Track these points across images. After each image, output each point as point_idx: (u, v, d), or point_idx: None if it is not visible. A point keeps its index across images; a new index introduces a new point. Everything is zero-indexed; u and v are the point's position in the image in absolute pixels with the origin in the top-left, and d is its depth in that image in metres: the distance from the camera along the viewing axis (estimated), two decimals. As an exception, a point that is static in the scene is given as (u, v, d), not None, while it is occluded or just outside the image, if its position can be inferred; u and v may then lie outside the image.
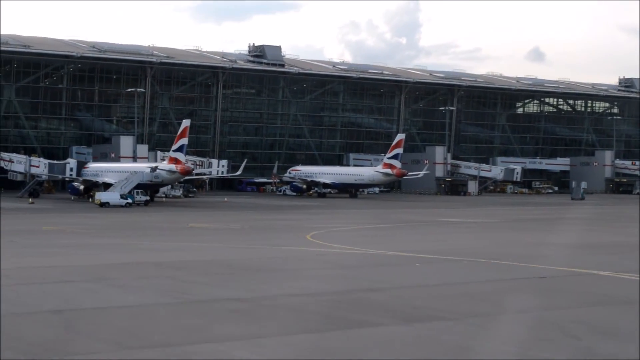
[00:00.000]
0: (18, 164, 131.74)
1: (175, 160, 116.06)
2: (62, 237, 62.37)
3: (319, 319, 28.23)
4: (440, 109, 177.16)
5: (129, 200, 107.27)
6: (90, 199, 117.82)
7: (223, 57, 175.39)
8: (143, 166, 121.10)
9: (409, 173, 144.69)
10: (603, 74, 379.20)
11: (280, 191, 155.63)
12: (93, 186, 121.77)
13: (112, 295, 32.96)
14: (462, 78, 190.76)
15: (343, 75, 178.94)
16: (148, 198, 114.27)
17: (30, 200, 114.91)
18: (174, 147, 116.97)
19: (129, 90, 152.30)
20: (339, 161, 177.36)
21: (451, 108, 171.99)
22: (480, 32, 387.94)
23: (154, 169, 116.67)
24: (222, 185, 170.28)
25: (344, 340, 24.96)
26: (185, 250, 51.95)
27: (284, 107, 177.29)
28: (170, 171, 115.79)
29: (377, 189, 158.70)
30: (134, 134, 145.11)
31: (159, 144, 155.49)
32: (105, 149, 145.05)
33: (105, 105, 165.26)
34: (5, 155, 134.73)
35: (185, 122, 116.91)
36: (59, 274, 39.16)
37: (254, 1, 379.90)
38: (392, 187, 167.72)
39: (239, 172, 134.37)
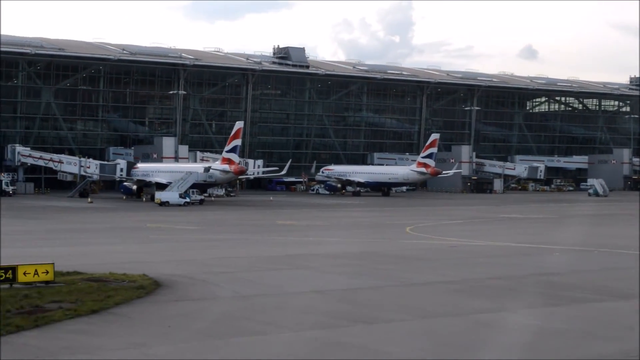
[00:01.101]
0: (68, 164, 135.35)
1: (229, 161, 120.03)
2: (182, 233, 66.70)
3: (552, 295, 32.98)
4: (466, 108, 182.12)
5: (187, 200, 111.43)
6: (144, 199, 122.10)
7: (248, 59, 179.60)
8: (196, 166, 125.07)
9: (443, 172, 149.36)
10: (595, 71, 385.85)
11: (312, 190, 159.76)
12: (145, 186, 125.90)
13: (341, 279, 37.64)
14: (479, 78, 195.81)
15: (367, 76, 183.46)
16: (203, 197, 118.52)
17: (89, 199, 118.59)
18: (227, 147, 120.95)
19: (171, 92, 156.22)
20: (363, 160, 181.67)
21: (476, 108, 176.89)
22: (473, 30, 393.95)
23: (207, 169, 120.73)
24: (251, 184, 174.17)
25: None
26: (323, 244, 56.45)
27: (309, 107, 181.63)
28: (224, 171, 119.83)
29: (404, 188, 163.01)
30: (176, 135, 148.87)
31: (191, 144, 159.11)
32: (147, 150, 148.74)
33: (140, 107, 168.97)
34: (55, 156, 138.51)
35: (239, 124, 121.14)
36: (262, 263, 43.71)
37: (247, 0, 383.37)
38: (417, 186, 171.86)
39: (284, 172, 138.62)
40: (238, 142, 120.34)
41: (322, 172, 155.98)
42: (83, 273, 37.64)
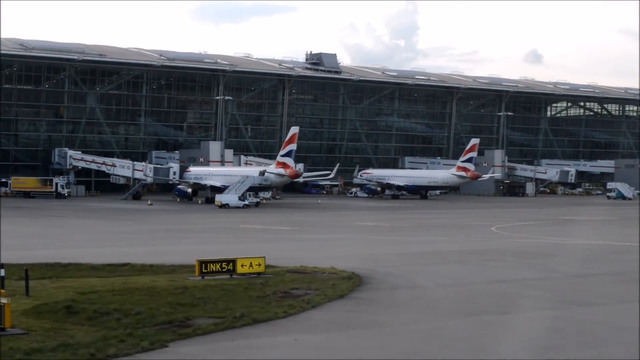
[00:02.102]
0: (121, 168, 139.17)
1: (283, 165, 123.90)
2: (287, 233, 70.61)
3: None
4: (499, 113, 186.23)
5: (246, 202, 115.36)
6: (199, 201, 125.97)
7: (280, 64, 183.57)
8: (250, 170, 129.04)
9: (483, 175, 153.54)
10: (600, 76, 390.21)
11: (350, 193, 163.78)
12: (200, 189, 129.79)
13: (505, 271, 41.82)
14: (504, 84, 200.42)
15: (399, 82, 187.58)
16: (259, 200, 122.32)
17: (149, 202, 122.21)
18: (282, 152, 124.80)
19: (217, 98, 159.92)
20: (394, 164, 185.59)
21: (509, 113, 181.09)
22: (478, 35, 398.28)
23: (262, 173, 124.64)
24: (286, 188, 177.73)
25: None
26: (440, 243, 60.51)
27: (342, 112, 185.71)
28: (280, 174, 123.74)
29: (438, 191, 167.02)
30: (221, 139, 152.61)
31: (229, 148, 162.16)
32: (193, 154, 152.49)
33: (180, 112, 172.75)
34: (108, 160, 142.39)
35: (294, 129, 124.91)
36: (413, 258, 47.76)
37: (252, 2, 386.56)
38: (449, 189, 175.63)
39: (332, 175, 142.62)
40: (293, 146, 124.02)
41: (360, 176, 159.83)
42: (274, 266, 41.41)
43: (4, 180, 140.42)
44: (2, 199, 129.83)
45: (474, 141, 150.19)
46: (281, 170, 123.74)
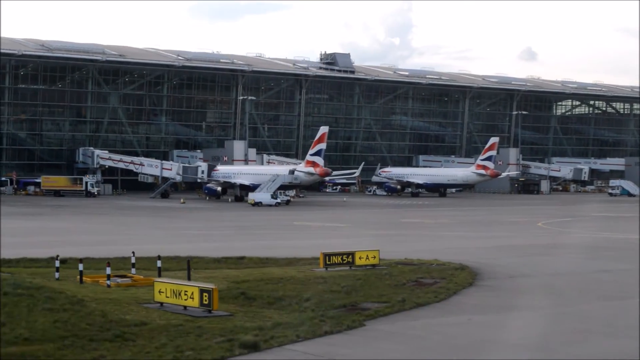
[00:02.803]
0: (149, 167, 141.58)
1: (313, 164, 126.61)
2: (343, 230, 73.41)
3: None
4: (513, 112, 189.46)
5: (278, 200, 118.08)
6: (230, 199, 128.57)
7: (294, 64, 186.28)
8: (280, 169, 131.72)
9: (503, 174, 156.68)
10: (595, 73, 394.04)
11: (369, 191, 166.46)
12: (230, 187, 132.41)
13: (601, 262, 44.76)
14: (513, 83, 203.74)
15: (412, 81, 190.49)
16: (289, 198, 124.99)
17: (182, 200, 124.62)
18: (312, 151, 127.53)
19: (241, 98, 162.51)
20: (408, 163, 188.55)
21: (523, 112, 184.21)
22: (472, 32, 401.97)
23: (292, 172, 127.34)
24: (304, 186, 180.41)
25: None
26: (507, 238, 63.36)
27: (357, 111, 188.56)
28: (309, 173, 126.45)
29: (454, 189, 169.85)
30: (246, 138, 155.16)
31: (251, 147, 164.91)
32: (217, 153, 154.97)
33: (199, 112, 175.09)
34: (136, 159, 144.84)
35: (323, 129, 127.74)
36: (510, 251, 50.61)
37: (247, 1, 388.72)
38: (464, 187, 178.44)
39: (357, 174, 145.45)
40: (323, 145, 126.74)
41: (379, 174, 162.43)
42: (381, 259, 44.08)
43: (32, 180, 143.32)
44: (35, 197, 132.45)
45: (494, 140, 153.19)
46: (311, 169, 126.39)
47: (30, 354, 21.63)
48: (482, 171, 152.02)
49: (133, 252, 37.52)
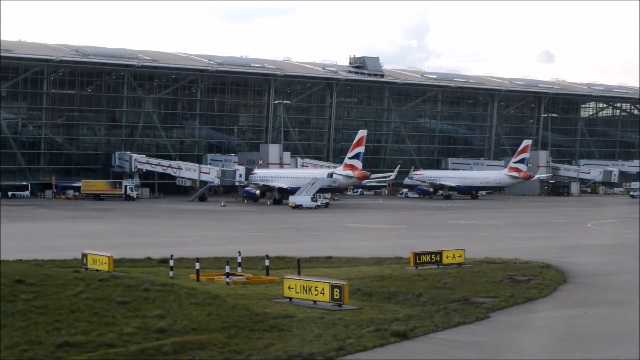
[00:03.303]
0: (187, 170, 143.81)
1: (351, 167, 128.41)
2: (400, 231, 75.14)
3: None
4: (543, 115, 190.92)
5: (318, 203, 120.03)
6: (268, 202, 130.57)
7: (324, 68, 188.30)
8: (318, 172, 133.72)
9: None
10: (614, 75, 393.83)
11: (401, 194, 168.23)
12: (268, 190, 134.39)
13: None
14: (540, 85, 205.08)
15: (442, 84, 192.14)
16: (327, 201, 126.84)
17: (222, 203, 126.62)
18: (350, 154, 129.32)
19: (276, 102, 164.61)
20: (437, 165, 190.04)
21: (553, 115, 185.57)
22: (489, 34, 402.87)
23: (331, 175, 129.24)
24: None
25: None
26: (570, 238, 64.92)
27: (387, 115, 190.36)
28: (348, 176, 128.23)
29: (484, 191, 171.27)
30: (281, 142, 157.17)
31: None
32: (252, 157, 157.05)
33: (233, 115, 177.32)
34: (174, 163, 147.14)
35: (362, 132, 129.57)
36: (577, 251, 52.24)
37: (262, 2, 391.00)
38: (494, 190, 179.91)
39: (392, 177, 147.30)
40: (361, 149, 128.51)
41: (412, 177, 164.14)
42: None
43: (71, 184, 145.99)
44: (76, 201, 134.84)
45: (527, 142, 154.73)
46: (349, 172, 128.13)
47: (206, 342, 23.49)
48: (515, 173, 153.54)
49: (239, 252, 39.37)
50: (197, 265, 36.44)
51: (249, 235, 68.37)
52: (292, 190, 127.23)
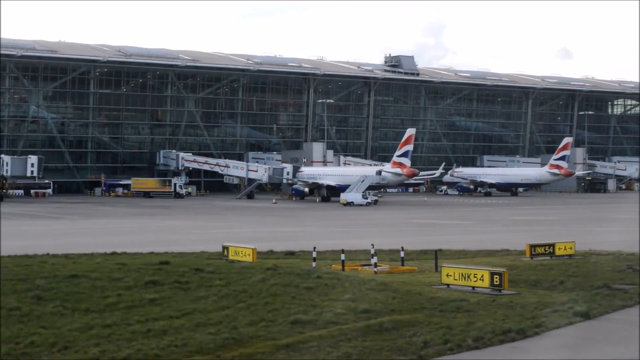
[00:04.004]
0: (235, 168, 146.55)
1: (400, 164, 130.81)
2: (470, 226, 77.54)
3: None
4: (580, 113, 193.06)
5: (369, 200, 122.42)
6: (317, 199, 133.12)
7: (359, 67, 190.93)
8: (367, 170, 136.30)
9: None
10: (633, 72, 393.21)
11: (440, 191, 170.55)
12: (316, 188, 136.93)
13: None
14: (572, 83, 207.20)
15: (477, 83, 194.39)
16: (377, 198, 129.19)
17: (273, 200, 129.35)
18: (398, 152, 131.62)
19: (320, 101, 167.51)
20: (472, 163, 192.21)
21: (589, 112, 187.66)
22: (506, 31, 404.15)
23: (379, 172, 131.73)
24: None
25: None
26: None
27: (423, 113, 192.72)
28: (396, 174, 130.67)
29: (521, 188, 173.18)
30: (325, 140, 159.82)
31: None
32: (296, 155, 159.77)
33: (273, 114, 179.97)
34: (221, 161, 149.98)
35: (410, 131, 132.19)
36: None
37: (280, 1, 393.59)
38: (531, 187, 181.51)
39: (437, 174, 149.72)
40: (410, 147, 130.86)
41: (452, 175, 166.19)
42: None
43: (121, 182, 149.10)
44: (126, 199, 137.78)
45: (567, 139, 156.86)
46: (398, 170, 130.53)
47: (413, 321, 26.00)
48: (556, 170, 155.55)
49: (372, 245, 41.78)
50: (343, 257, 38.79)
51: (337, 230, 70.84)
52: (340, 188, 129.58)
